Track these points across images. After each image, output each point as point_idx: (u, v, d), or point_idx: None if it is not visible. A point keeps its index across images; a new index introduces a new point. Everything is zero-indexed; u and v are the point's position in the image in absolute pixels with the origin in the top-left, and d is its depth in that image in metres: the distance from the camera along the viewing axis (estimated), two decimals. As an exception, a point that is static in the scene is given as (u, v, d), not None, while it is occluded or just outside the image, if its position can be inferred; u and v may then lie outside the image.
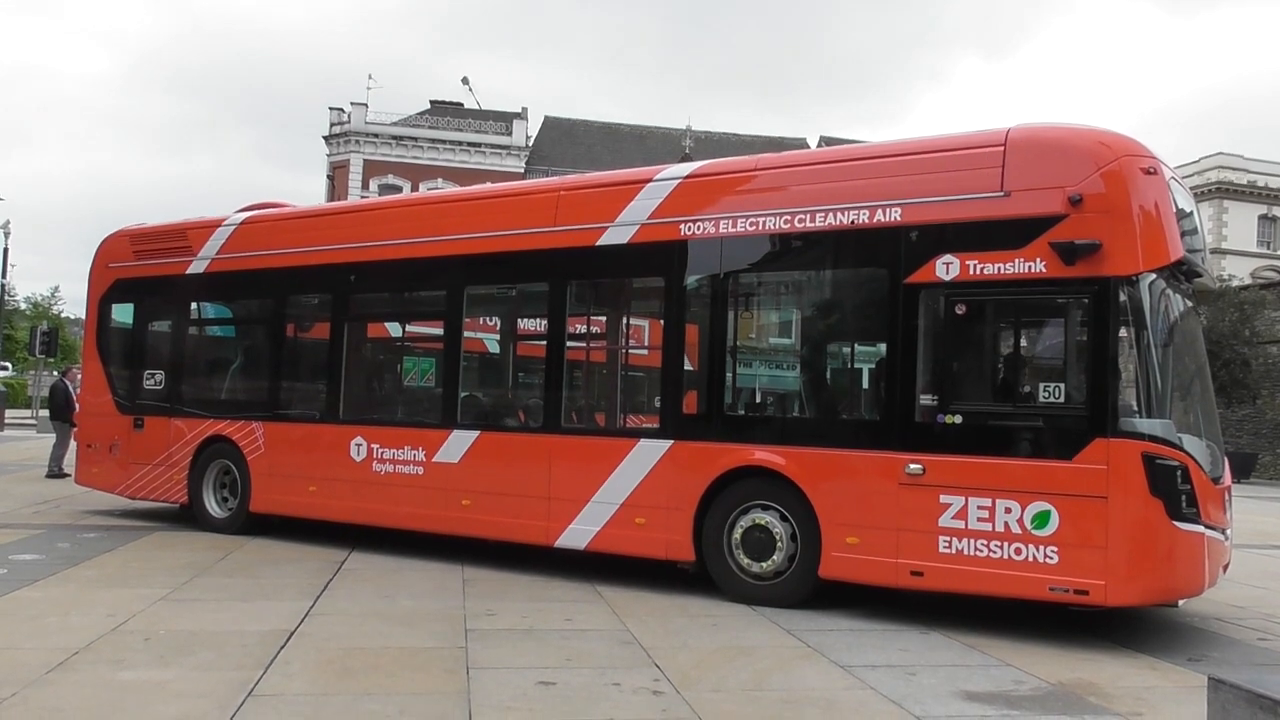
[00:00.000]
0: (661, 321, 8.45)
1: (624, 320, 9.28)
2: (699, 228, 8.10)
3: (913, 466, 6.97)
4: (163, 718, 4.68)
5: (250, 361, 11.57)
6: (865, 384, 7.93)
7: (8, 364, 52.69)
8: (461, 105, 55.58)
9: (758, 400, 8.89)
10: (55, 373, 20.83)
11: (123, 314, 12.19)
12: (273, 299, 10.95)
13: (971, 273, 6.89)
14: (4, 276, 37.32)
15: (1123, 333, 6.54)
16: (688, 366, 8.31)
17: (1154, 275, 6.62)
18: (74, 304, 68.26)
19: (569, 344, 8.94)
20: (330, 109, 53.67)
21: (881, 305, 7.44)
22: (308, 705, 4.92)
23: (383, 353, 11.30)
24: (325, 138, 53.73)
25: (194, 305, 11.71)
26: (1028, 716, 5.10)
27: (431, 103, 55.75)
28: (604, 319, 9.56)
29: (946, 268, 6.98)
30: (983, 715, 5.10)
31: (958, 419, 6.90)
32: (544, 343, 9.03)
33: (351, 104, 52.77)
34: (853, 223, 7.44)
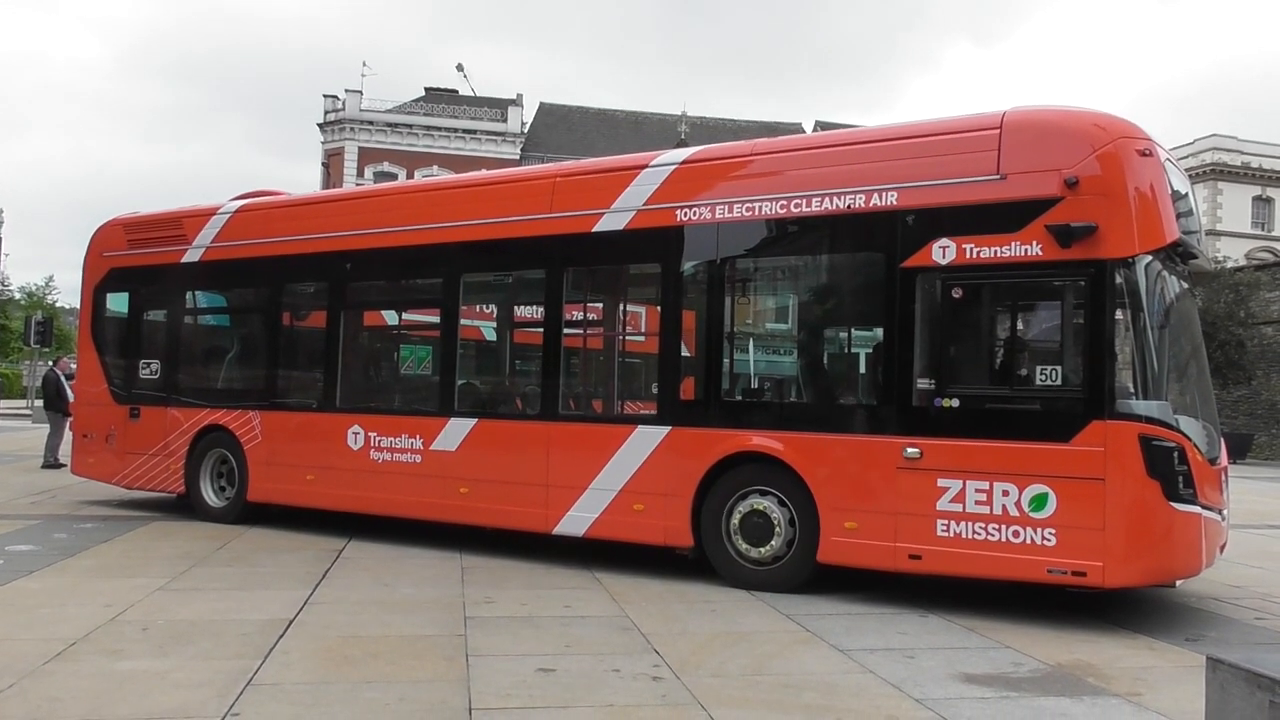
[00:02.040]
0: (658, 308, 8.43)
1: (621, 307, 9.27)
2: (695, 213, 8.08)
3: (910, 450, 6.97)
4: (162, 708, 4.67)
5: (246, 350, 11.54)
6: (862, 368, 7.93)
7: None
8: (456, 92, 55.42)
9: (755, 386, 8.88)
10: (49, 363, 20.75)
11: (118, 303, 12.16)
12: (268, 287, 10.91)
13: (968, 256, 6.87)
14: (-2, 266, 37.14)
15: (1119, 315, 6.53)
16: (685, 353, 8.29)
17: (1150, 257, 6.61)
18: (69, 293, 67.94)
19: (566, 331, 8.92)
20: (325, 96, 53.49)
21: (878, 289, 7.42)
22: (307, 694, 4.92)
23: (379, 341, 11.27)
24: (320, 125, 53.54)
25: (189, 294, 11.66)
26: (1027, 698, 5.11)
27: (426, 90, 55.55)
28: (601, 305, 9.54)
29: (943, 251, 6.97)
30: (982, 697, 5.11)
31: (954, 402, 6.90)
32: (541, 330, 9.01)
33: (346, 91, 52.57)
34: (849, 207, 7.42)
